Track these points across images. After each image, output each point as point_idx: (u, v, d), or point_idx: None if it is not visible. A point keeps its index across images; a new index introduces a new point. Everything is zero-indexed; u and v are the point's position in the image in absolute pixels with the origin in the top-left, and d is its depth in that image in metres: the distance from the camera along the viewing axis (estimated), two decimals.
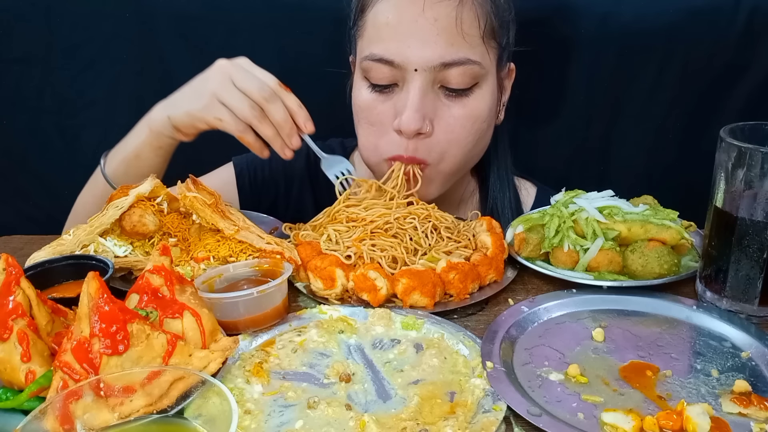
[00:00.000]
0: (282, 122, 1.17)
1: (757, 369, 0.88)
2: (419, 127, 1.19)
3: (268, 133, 1.17)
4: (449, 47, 1.16)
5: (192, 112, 1.19)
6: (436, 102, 1.21)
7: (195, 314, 0.85)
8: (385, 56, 1.18)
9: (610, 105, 1.58)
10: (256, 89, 1.15)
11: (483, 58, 1.20)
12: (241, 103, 1.15)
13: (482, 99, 1.23)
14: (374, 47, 1.20)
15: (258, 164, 1.50)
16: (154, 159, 1.29)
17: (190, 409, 0.72)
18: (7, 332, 0.78)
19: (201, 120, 1.19)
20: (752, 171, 0.92)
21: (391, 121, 1.23)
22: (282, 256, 1.07)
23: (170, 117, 1.22)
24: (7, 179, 1.76)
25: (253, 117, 1.15)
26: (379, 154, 1.27)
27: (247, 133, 1.18)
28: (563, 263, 1.11)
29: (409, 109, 1.18)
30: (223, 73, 1.17)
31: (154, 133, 1.26)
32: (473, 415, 0.80)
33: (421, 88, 1.18)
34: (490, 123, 1.30)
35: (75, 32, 1.62)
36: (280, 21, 1.57)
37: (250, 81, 1.15)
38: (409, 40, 1.17)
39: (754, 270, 0.96)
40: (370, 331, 0.98)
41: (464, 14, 1.17)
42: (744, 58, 1.48)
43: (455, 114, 1.22)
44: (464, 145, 1.25)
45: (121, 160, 1.31)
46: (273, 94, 1.16)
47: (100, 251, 1.09)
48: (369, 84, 1.24)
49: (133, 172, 1.30)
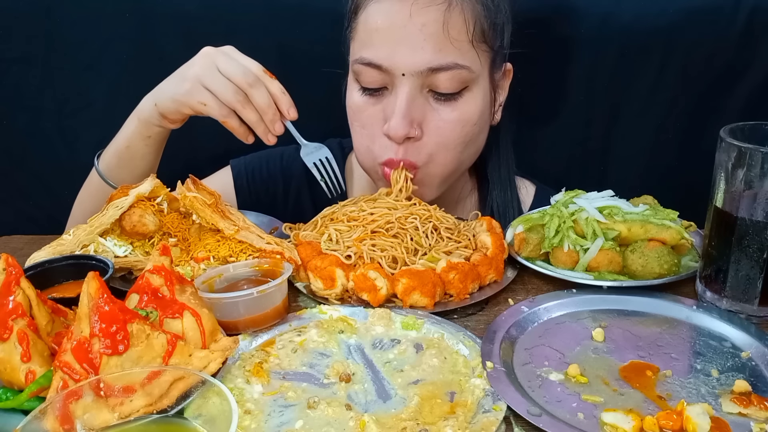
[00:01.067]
0: (265, 107, 1.18)
1: (757, 369, 0.88)
2: (406, 133, 1.19)
3: (251, 117, 1.18)
4: (437, 53, 1.16)
5: (176, 97, 1.20)
6: (425, 106, 1.21)
7: (195, 314, 0.85)
8: (374, 61, 1.19)
9: (610, 105, 1.58)
10: (240, 74, 1.16)
11: (473, 63, 1.20)
12: (225, 87, 1.16)
13: (473, 103, 1.23)
14: (364, 51, 1.21)
15: (256, 166, 1.51)
16: (144, 149, 1.30)
17: (190, 409, 0.72)
18: (7, 332, 0.78)
19: (185, 105, 1.20)
20: (752, 171, 0.92)
21: (381, 124, 1.23)
22: (282, 256, 1.07)
23: (156, 104, 1.24)
24: (7, 179, 1.76)
25: (236, 101, 1.16)
26: (372, 158, 1.28)
27: (230, 117, 1.19)
28: (563, 263, 1.11)
29: (396, 115, 1.18)
30: (207, 59, 1.18)
31: (142, 122, 1.28)
32: (473, 415, 0.80)
33: (409, 93, 1.18)
34: (483, 126, 1.29)
35: (75, 32, 1.62)
36: (280, 21, 1.57)
37: (234, 66, 1.16)
38: (398, 46, 1.17)
39: (754, 270, 0.96)
40: (370, 331, 0.98)
41: (452, 19, 1.16)
42: (744, 58, 1.48)
43: (445, 118, 1.22)
44: (453, 148, 1.25)
45: (113, 152, 1.32)
46: (257, 79, 1.17)
47: (100, 251, 1.09)
48: (360, 86, 1.25)
49: (125, 164, 1.31)
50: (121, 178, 1.31)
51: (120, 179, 1.31)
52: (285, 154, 1.49)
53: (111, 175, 1.32)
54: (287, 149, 1.46)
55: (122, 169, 1.31)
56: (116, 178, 1.32)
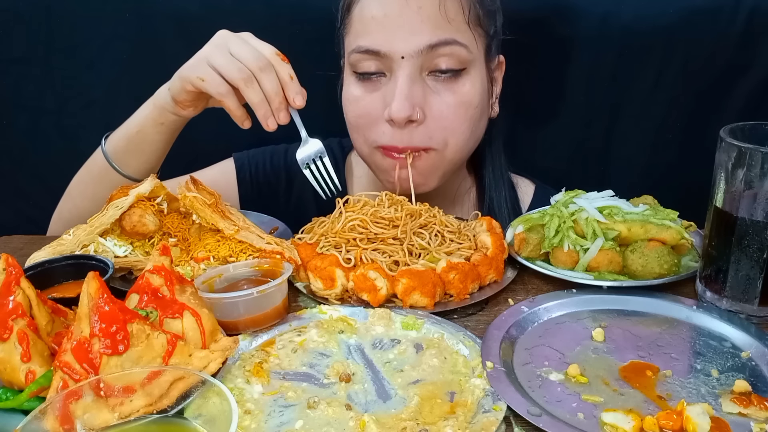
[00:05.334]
0: (273, 94, 1.13)
1: (757, 369, 0.88)
2: (409, 115, 1.19)
3: (254, 98, 1.12)
4: (435, 30, 1.18)
5: (180, 74, 1.18)
6: (425, 89, 1.22)
7: (195, 314, 0.85)
8: (372, 47, 1.19)
9: (610, 105, 1.58)
10: (251, 57, 1.11)
11: (470, 43, 1.22)
12: (230, 64, 1.12)
13: (471, 85, 1.24)
14: (361, 40, 1.21)
15: (260, 160, 1.50)
16: (155, 136, 1.27)
17: (190, 409, 0.72)
18: (7, 332, 0.78)
19: (186, 80, 1.16)
20: (752, 171, 0.92)
21: (380, 111, 1.23)
22: (282, 256, 1.07)
23: (169, 87, 1.22)
24: (7, 179, 1.76)
25: (239, 78, 1.11)
26: (370, 143, 1.27)
27: (228, 97, 1.14)
28: (563, 263, 1.11)
29: (398, 97, 1.18)
30: (220, 40, 1.15)
31: (157, 108, 1.25)
32: (473, 415, 0.80)
33: (410, 75, 1.19)
34: (484, 111, 1.30)
35: (75, 32, 1.62)
36: (280, 21, 1.57)
37: (246, 49, 1.12)
38: (396, 31, 1.18)
39: (754, 270, 0.96)
40: (370, 331, 0.98)
41: (448, 2, 1.18)
42: (744, 58, 1.48)
43: (446, 101, 1.22)
44: (462, 132, 1.25)
45: (123, 135, 1.29)
46: (268, 64, 1.12)
47: (100, 251, 1.09)
48: (357, 78, 1.25)
49: (134, 148, 1.28)
50: (125, 163, 1.28)
51: (124, 164, 1.28)
52: (290, 150, 1.49)
53: (116, 158, 1.28)
54: (292, 147, 1.45)
55: (129, 154, 1.27)
56: (121, 161, 1.29)
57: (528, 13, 1.41)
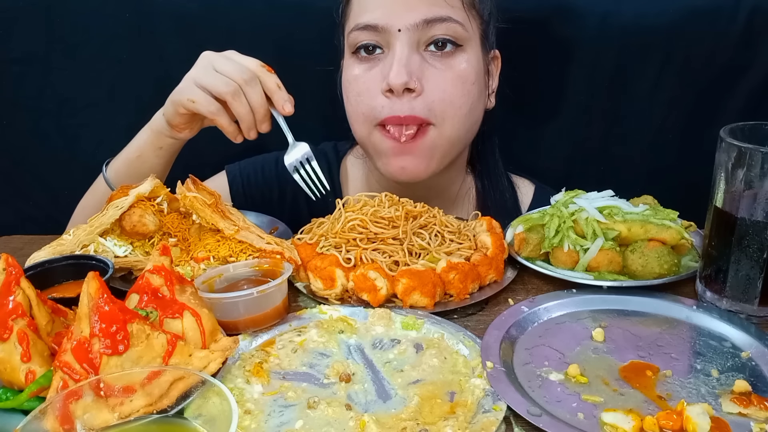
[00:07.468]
0: (257, 106, 1.19)
1: (757, 369, 0.88)
2: (406, 81, 1.20)
3: (241, 111, 1.18)
4: (431, 6, 1.21)
5: (172, 98, 1.22)
6: (423, 63, 1.24)
7: (195, 314, 0.85)
8: (370, 22, 1.22)
9: (610, 105, 1.58)
10: (236, 71, 1.17)
11: (465, 23, 1.24)
12: (216, 81, 1.17)
13: (468, 62, 1.26)
14: (360, 18, 1.24)
15: (251, 170, 1.51)
16: (154, 160, 1.31)
17: (190, 409, 0.72)
18: (7, 332, 0.78)
19: (178, 103, 1.21)
20: (752, 171, 0.92)
21: (379, 85, 1.24)
22: (282, 256, 1.07)
23: (163, 113, 1.25)
24: (7, 179, 1.76)
25: (227, 92, 1.16)
26: (370, 120, 1.27)
27: (220, 115, 1.19)
28: (563, 263, 1.11)
29: (396, 65, 1.20)
30: (205, 61, 1.20)
31: (154, 132, 1.29)
32: (473, 415, 0.80)
33: (408, 45, 1.21)
34: (481, 92, 1.31)
35: (75, 32, 1.62)
36: (280, 21, 1.57)
37: (230, 65, 1.17)
38: (393, 7, 1.21)
39: (754, 270, 0.96)
40: (370, 331, 0.98)
41: None
42: (744, 57, 1.48)
43: (444, 75, 1.24)
44: (459, 107, 1.26)
45: (123, 160, 1.33)
46: (253, 76, 1.18)
47: (100, 251, 1.09)
48: (357, 59, 1.27)
49: (134, 173, 1.31)
50: None
51: None
52: (280, 159, 1.49)
53: (118, 183, 1.31)
54: (282, 154, 1.46)
55: (130, 178, 1.30)
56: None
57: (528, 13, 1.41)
